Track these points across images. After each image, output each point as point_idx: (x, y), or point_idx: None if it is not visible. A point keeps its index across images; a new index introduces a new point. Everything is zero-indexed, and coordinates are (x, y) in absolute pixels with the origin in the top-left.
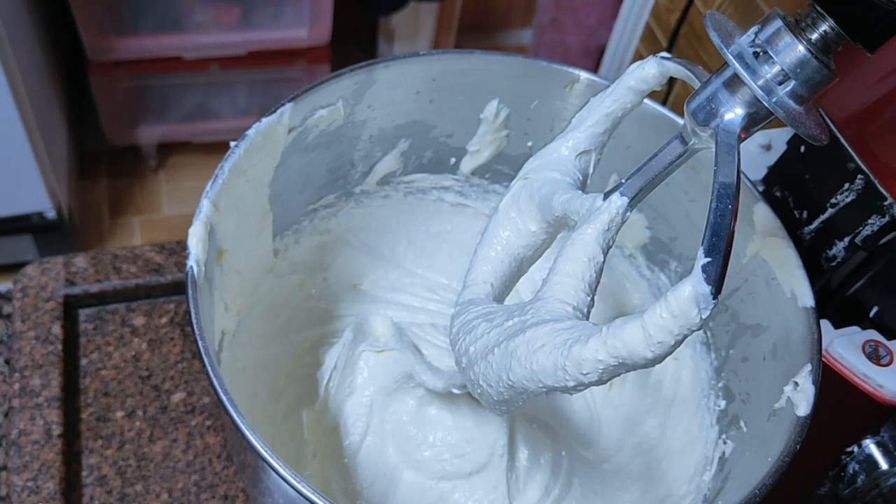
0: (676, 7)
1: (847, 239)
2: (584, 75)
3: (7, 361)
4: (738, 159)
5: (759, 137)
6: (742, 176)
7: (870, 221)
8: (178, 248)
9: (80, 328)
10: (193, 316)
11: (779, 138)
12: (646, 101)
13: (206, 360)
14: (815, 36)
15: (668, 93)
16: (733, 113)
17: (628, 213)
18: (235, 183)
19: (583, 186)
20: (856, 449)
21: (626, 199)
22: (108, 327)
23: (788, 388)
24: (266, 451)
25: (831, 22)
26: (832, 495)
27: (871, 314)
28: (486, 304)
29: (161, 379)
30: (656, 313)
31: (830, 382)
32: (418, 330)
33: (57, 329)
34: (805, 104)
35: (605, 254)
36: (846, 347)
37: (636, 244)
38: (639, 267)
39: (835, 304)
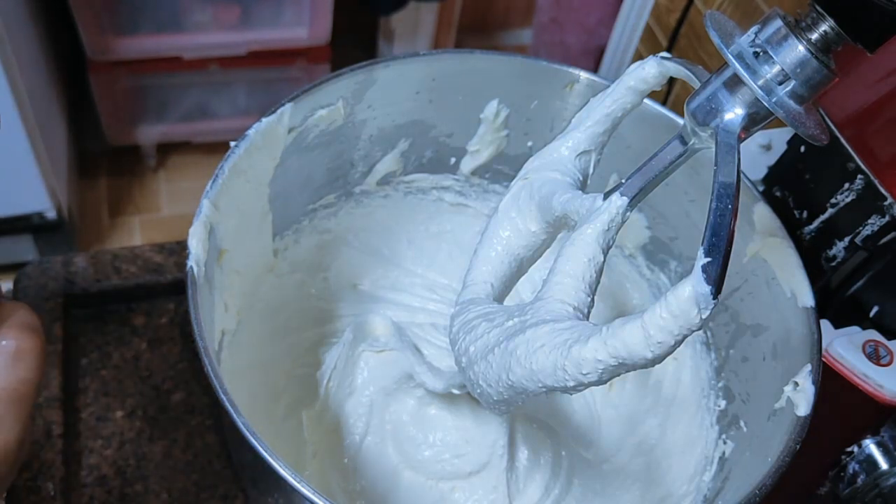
0: (676, 7)
1: (847, 239)
2: (584, 75)
3: None
4: (738, 159)
5: (759, 137)
6: (742, 176)
7: (870, 221)
8: (178, 248)
9: (80, 328)
10: (193, 316)
11: (779, 138)
12: (646, 101)
13: (206, 360)
14: (815, 36)
15: (668, 93)
16: (733, 113)
17: (628, 213)
18: (235, 183)
19: (583, 186)
20: (856, 449)
21: (626, 199)
22: (108, 327)
23: (788, 388)
24: (266, 452)
25: (831, 22)
26: (832, 495)
27: (871, 314)
28: (487, 304)
29: (161, 379)
30: (656, 313)
31: (830, 382)
32: (418, 330)
33: (57, 329)
34: (805, 104)
35: (605, 254)
36: (846, 347)
37: (636, 244)
38: (639, 267)
39: (835, 304)
